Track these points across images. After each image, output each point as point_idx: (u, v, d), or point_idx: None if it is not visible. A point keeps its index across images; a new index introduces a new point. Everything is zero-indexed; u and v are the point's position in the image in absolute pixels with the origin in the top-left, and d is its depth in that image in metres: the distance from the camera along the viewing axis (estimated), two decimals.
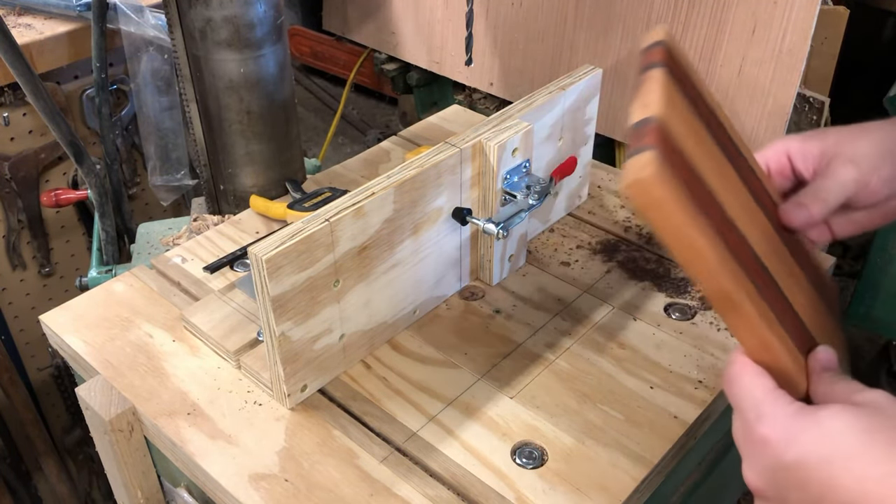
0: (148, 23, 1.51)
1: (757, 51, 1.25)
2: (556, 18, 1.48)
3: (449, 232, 0.94)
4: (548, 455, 0.81)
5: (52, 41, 1.53)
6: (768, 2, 1.21)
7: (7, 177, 1.62)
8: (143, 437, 0.90)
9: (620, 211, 1.16)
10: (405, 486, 0.78)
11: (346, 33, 1.93)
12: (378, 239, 0.85)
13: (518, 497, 0.77)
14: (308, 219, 0.80)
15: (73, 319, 0.98)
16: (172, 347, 0.94)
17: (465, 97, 1.75)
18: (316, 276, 0.80)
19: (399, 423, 0.85)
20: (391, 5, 1.77)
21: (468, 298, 1.01)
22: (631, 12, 1.36)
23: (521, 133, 0.93)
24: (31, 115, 1.61)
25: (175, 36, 1.11)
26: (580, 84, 1.02)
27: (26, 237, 1.72)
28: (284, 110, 1.16)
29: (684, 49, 1.32)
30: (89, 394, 0.88)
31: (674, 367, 0.90)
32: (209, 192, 1.23)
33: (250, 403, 0.87)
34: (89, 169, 1.36)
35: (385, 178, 0.85)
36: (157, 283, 1.04)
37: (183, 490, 0.92)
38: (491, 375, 0.90)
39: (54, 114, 1.25)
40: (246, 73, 1.09)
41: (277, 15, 1.09)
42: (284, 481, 0.79)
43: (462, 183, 0.92)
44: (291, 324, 0.81)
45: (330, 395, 0.88)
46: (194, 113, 1.16)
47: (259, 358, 0.89)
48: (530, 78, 1.57)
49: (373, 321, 0.91)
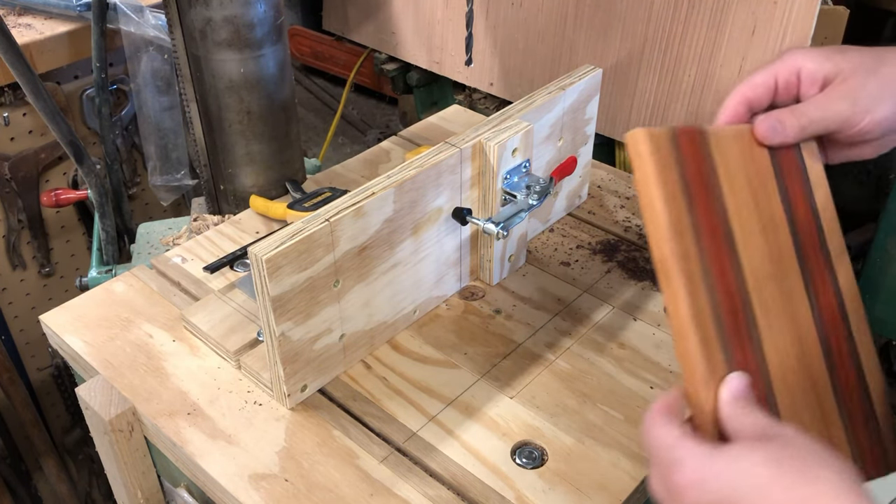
0: (148, 23, 1.51)
1: (757, 51, 1.25)
2: (556, 18, 1.48)
3: (449, 232, 0.94)
4: (548, 455, 0.81)
5: (52, 41, 1.53)
6: (768, 2, 1.21)
7: (7, 177, 1.62)
8: (143, 437, 0.90)
9: (620, 211, 1.16)
10: (405, 486, 0.78)
11: (346, 33, 1.93)
12: (378, 239, 0.85)
13: (518, 497, 0.77)
14: (308, 219, 0.80)
15: (73, 319, 0.98)
16: (172, 347, 0.94)
17: (465, 97, 1.75)
18: (316, 276, 0.80)
19: (399, 423, 0.85)
20: (391, 5, 1.77)
21: (468, 298, 1.01)
22: (631, 12, 1.36)
23: (521, 133, 0.93)
24: (31, 115, 1.61)
25: (175, 36, 1.11)
26: (580, 84, 1.02)
27: (26, 237, 1.72)
28: (284, 110, 1.16)
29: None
30: (89, 394, 0.88)
31: (674, 366, 0.90)
32: (209, 192, 1.23)
33: (250, 403, 0.87)
34: (89, 169, 1.36)
35: (385, 178, 0.85)
36: (157, 283, 1.04)
37: (183, 490, 0.92)
38: (491, 375, 0.90)
39: (54, 114, 1.25)
40: (246, 73, 1.09)
41: (277, 15, 1.09)
42: (284, 481, 0.79)
43: (462, 183, 0.92)
44: (291, 324, 0.81)
45: (330, 395, 0.88)
46: (194, 113, 1.16)
47: (259, 358, 0.89)
48: (530, 78, 1.57)
49: (373, 321, 0.91)
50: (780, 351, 0.61)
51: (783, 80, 0.70)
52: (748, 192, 0.64)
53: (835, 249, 0.67)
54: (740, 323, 0.59)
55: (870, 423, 0.63)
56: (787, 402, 0.60)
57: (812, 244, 0.66)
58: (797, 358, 0.62)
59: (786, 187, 0.66)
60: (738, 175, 0.64)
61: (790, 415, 0.60)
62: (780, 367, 0.61)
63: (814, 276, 0.65)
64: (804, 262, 0.65)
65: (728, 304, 0.59)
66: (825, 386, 0.62)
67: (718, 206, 0.61)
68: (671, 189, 0.59)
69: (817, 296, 0.65)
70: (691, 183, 0.60)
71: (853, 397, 0.63)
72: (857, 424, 0.62)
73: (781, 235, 0.64)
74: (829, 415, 0.62)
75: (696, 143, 0.62)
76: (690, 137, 0.61)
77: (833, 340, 0.64)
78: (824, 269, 0.66)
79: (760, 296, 0.61)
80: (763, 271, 0.62)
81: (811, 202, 0.67)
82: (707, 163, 0.62)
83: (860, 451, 0.61)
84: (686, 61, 1.33)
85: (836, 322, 0.65)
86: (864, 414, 0.62)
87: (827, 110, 0.67)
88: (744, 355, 0.59)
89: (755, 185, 0.64)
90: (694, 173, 0.60)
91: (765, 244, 0.63)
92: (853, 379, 0.63)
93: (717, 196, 0.62)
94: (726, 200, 0.62)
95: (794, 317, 0.63)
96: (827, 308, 0.65)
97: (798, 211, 0.66)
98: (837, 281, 0.66)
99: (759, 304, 0.61)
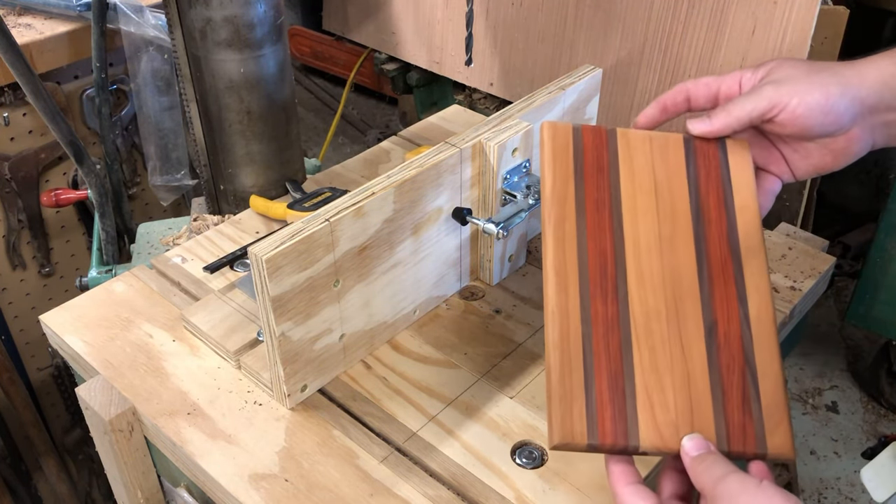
0: (148, 23, 1.51)
1: (757, 51, 1.25)
2: (556, 18, 1.48)
3: (449, 232, 0.94)
4: (548, 455, 0.81)
5: (52, 41, 1.53)
6: (768, 2, 1.21)
7: (7, 177, 1.62)
8: (143, 437, 0.90)
9: None
10: (405, 486, 0.78)
11: (346, 33, 1.93)
12: (378, 239, 0.85)
13: (518, 497, 0.77)
14: (308, 219, 0.80)
15: (73, 319, 0.98)
16: (172, 347, 0.94)
17: (465, 97, 1.76)
18: (316, 276, 0.80)
19: (399, 423, 0.85)
20: (391, 5, 1.78)
21: (468, 298, 1.01)
22: (631, 12, 1.36)
23: (521, 133, 0.93)
24: (31, 115, 1.61)
25: (175, 36, 1.11)
26: (580, 84, 1.03)
27: (26, 237, 1.72)
28: (284, 110, 1.16)
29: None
30: (89, 394, 0.88)
31: None
32: (209, 192, 1.23)
33: (250, 403, 0.87)
34: (89, 169, 1.36)
35: (385, 178, 0.85)
36: (157, 283, 1.04)
37: (183, 490, 0.92)
38: (491, 375, 0.90)
39: (54, 114, 1.25)
40: (246, 73, 1.09)
41: (277, 15, 1.09)
42: (284, 481, 0.79)
43: (462, 183, 0.92)
44: (291, 324, 0.81)
45: (330, 395, 0.88)
46: (194, 113, 1.16)
47: (259, 358, 0.89)
48: (530, 78, 1.57)
49: (373, 321, 0.91)
50: (647, 311, 0.67)
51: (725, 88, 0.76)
52: (649, 182, 0.73)
53: (748, 247, 0.71)
54: (608, 278, 0.68)
55: (748, 404, 0.64)
56: (647, 356, 0.65)
57: (717, 235, 0.71)
58: (667, 322, 0.67)
59: (697, 185, 0.73)
60: (642, 168, 0.73)
61: (650, 369, 0.65)
62: (644, 325, 0.66)
63: (711, 263, 0.70)
64: (704, 249, 0.71)
65: (597, 261, 0.69)
66: (700, 356, 0.66)
67: (612, 187, 0.72)
68: (562, 169, 0.72)
69: (711, 280, 0.69)
70: (586, 165, 0.73)
71: (733, 377, 0.65)
72: (730, 401, 0.64)
73: (679, 223, 0.71)
74: (696, 381, 0.65)
75: (600, 137, 0.75)
76: (595, 133, 0.75)
77: (721, 323, 0.67)
78: (727, 261, 0.70)
79: (639, 263, 0.69)
80: (647, 246, 0.70)
81: (726, 201, 0.73)
82: (607, 153, 0.74)
83: (727, 424, 0.63)
84: (686, 61, 1.33)
85: (729, 308, 0.68)
86: (742, 394, 0.65)
87: (752, 94, 0.71)
88: (604, 306, 0.67)
89: (660, 178, 0.73)
90: (591, 159, 0.73)
91: (657, 226, 0.71)
92: (738, 361, 0.66)
93: (613, 179, 0.72)
94: (623, 184, 0.72)
95: (674, 289, 0.68)
96: (720, 293, 0.69)
97: (707, 206, 0.72)
98: (743, 273, 0.70)
99: (635, 268, 0.69)
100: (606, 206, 0.71)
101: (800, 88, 0.69)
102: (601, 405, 0.63)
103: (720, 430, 0.63)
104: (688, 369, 0.65)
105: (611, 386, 0.64)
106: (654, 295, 0.68)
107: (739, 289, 0.69)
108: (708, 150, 0.75)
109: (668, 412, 0.63)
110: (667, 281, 0.69)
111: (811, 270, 1.04)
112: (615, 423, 0.62)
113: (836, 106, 0.69)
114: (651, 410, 0.63)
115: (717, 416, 0.64)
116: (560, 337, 0.65)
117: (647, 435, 0.62)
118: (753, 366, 0.66)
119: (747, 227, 0.72)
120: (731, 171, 0.74)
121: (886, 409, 2.22)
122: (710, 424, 0.64)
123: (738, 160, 0.75)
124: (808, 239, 1.10)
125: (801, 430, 2.17)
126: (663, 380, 0.65)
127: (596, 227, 0.70)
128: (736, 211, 0.72)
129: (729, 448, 0.63)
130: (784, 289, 1.01)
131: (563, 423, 0.62)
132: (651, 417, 0.63)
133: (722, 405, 0.64)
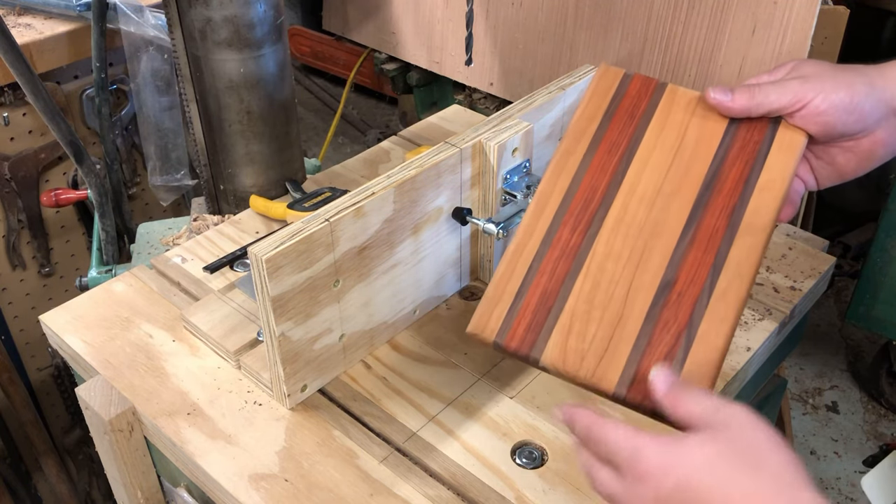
0: (148, 23, 1.51)
1: (757, 51, 1.25)
2: (556, 18, 1.48)
3: (449, 232, 0.94)
4: (548, 455, 0.81)
5: (52, 41, 1.53)
6: (768, 2, 1.21)
7: (7, 177, 1.62)
8: (142, 437, 0.90)
9: None
10: (405, 486, 0.78)
11: (346, 33, 1.93)
12: (378, 239, 0.85)
13: (518, 497, 0.77)
14: (308, 219, 0.80)
15: (73, 319, 0.98)
16: (172, 347, 0.94)
17: (465, 97, 1.76)
18: (316, 276, 0.80)
19: (399, 423, 0.85)
20: (391, 5, 1.78)
21: (468, 298, 1.01)
22: (631, 12, 1.36)
23: (521, 133, 0.93)
24: (31, 115, 1.61)
25: (175, 36, 1.11)
26: (580, 84, 1.02)
27: (26, 237, 1.72)
28: (284, 110, 1.16)
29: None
30: (89, 394, 0.88)
31: None
32: (209, 192, 1.23)
33: (250, 403, 0.87)
34: (89, 169, 1.36)
35: (385, 178, 0.85)
36: (157, 283, 1.04)
37: (183, 490, 0.92)
38: (491, 375, 0.90)
39: (54, 114, 1.25)
40: (246, 73, 1.09)
41: (277, 15, 1.09)
42: (284, 481, 0.79)
43: (462, 183, 0.92)
44: (291, 324, 0.81)
45: (330, 395, 0.88)
46: (194, 113, 1.16)
47: (259, 358, 0.89)
48: (530, 78, 1.57)
49: (373, 321, 0.91)
50: (609, 251, 0.69)
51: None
52: (674, 139, 0.73)
53: (750, 224, 0.69)
54: (586, 212, 0.71)
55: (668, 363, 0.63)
56: (587, 288, 0.67)
57: (721, 206, 0.70)
58: (624, 266, 0.68)
59: (726, 155, 0.72)
60: (675, 124, 0.74)
61: (585, 299, 0.67)
62: (600, 262, 0.69)
63: (700, 228, 0.69)
64: (700, 215, 0.70)
65: (584, 195, 0.72)
66: (642, 304, 0.66)
67: (635, 134, 0.74)
68: (594, 107, 0.76)
69: (692, 243, 0.69)
70: (620, 109, 0.75)
71: (665, 335, 0.65)
72: (650, 354, 0.64)
73: (686, 184, 0.71)
74: (626, 325, 0.66)
75: (647, 87, 0.76)
76: (644, 82, 0.77)
77: (681, 283, 0.67)
78: (719, 231, 0.69)
79: (624, 208, 0.71)
80: (641, 195, 0.71)
81: (749, 177, 0.71)
82: (646, 103, 0.75)
83: (636, 373, 0.63)
84: (686, 61, 1.33)
85: (697, 273, 0.67)
86: (667, 352, 0.64)
87: (778, 85, 0.71)
88: (570, 235, 0.70)
89: (689, 139, 0.73)
90: (627, 105, 0.75)
91: (660, 181, 0.72)
92: (680, 322, 0.65)
93: (640, 128, 0.74)
94: (647, 135, 0.74)
95: (648, 240, 0.69)
96: (695, 258, 0.68)
97: (724, 177, 0.71)
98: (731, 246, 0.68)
99: (618, 212, 0.71)
100: (620, 151, 0.74)
101: (826, 86, 0.69)
102: (522, 314, 0.67)
103: (626, 375, 0.63)
104: (623, 312, 0.66)
105: (540, 302, 0.67)
106: (624, 240, 0.69)
107: (718, 260, 0.68)
108: (756, 126, 0.73)
109: (583, 342, 0.65)
110: (644, 232, 0.70)
111: (811, 270, 1.04)
112: (527, 332, 0.66)
113: (861, 105, 0.68)
114: (566, 334, 0.65)
115: (629, 362, 0.64)
116: (514, 250, 0.70)
117: (552, 352, 0.65)
118: (694, 332, 0.65)
119: (759, 206, 0.70)
120: (772, 152, 0.72)
121: (886, 409, 2.22)
122: (618, 366, 0.64)
123: (784, 145, 0.72)
124: (809, 239, 1.10)
125: (801, 430, 2.17)
126: (593, 312, 0.66)
127: (599, 167, 0.73)
128: (756, 188, 0.70)
129: (626, 394, 0.63)
130: (784, 289, 1.01)
131: (480, 317, 0.68)
132: (563, 340, 0.65)
133: (641, 354, 0.64)
